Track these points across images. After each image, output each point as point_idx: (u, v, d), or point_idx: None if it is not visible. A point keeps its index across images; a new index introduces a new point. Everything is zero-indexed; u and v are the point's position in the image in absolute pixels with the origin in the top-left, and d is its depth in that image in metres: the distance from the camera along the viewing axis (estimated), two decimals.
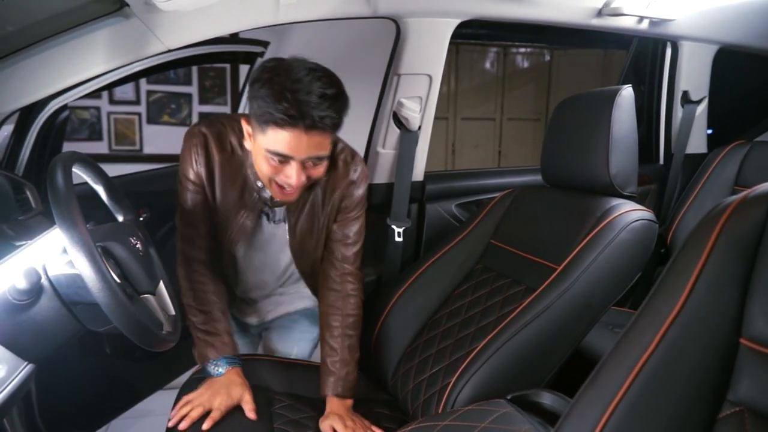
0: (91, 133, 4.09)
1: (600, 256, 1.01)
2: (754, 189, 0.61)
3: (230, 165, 1.13)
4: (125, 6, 1.08)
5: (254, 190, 1.14)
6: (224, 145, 1.13)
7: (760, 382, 0.55)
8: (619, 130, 1.11)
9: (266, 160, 0.99)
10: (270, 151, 0.97)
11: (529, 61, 5.37)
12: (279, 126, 0.94)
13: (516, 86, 5.32)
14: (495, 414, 0.82)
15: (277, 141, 0.95)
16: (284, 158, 0.98)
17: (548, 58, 5.32)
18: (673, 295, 0.62)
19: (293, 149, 0.96)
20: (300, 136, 0.95)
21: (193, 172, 1.13)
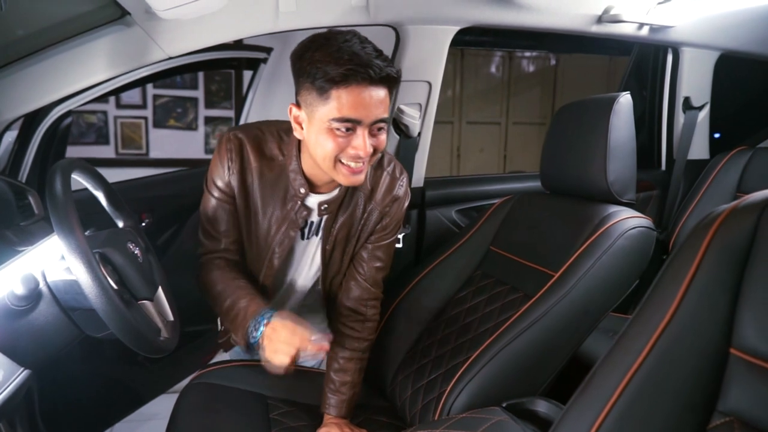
0: (98, 137, 4.13)
1: (597, 263, 1.01)
2: (745, 198, 0.61)
3: (270, 172, 1.07)
4: (127, 14, 1.10)
5: (298, 198, 1.06)
6: (263, 150, 1.06)
7: (749, 392, 0.55)
8: (617, 137, 1.11)
9: (330, 136, 0.92)
10: (336, 119, 0.90)
11: (534, 65, 5.37)
12: (344, 83, 0.88)
13: (521, 90, 5.32)
14: (489, 422, 0.82)
15: (342, 104, 0.89)
16: (352, 124, 0.91)
17: (554, 62, 5.31)
18: (665, 304, 0.62)
19: (361, 110, 0.90)
20: (367, 92, 0.90)
21: (222, 180, 1.06)
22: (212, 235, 1.11)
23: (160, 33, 1.11)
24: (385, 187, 1.12)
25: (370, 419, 1.23)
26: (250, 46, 2.06)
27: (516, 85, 5.30)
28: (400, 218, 1.17)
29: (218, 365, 1.27)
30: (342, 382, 1.16)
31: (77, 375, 1.41)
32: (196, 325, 1.80)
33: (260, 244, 1.12)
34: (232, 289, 1.07)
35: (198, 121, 4.26)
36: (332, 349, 1.19)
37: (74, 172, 0.94)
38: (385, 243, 1.17)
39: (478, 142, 5.29)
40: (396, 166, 1.15)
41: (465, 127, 5.27)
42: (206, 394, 1.17)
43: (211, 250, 1.13)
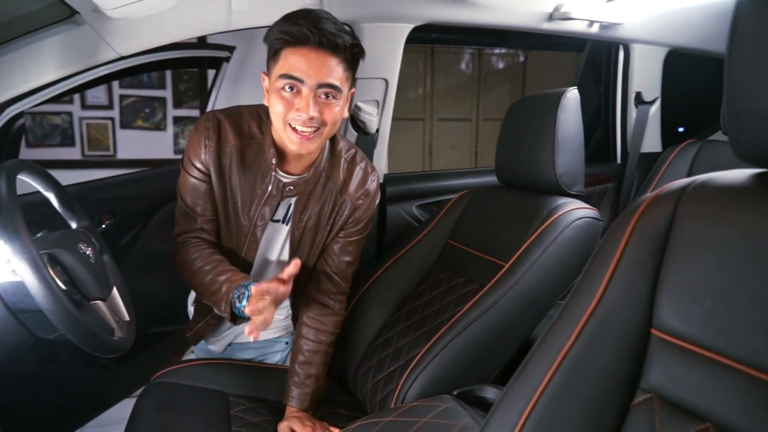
0: (63, 139, 4.04)
1: (545, 254, 1.04)
2: (665, 186, 0.65)
3: (250, 148, 1.09)
4: (76, 13, 1.08)
5: (271, 169, 1.08)
6: (241, 128, 1.09)
7: (667, 369, 0.58)
8: (565, 131, 1.14)
9: (278, 96, 0.97)
10: (281, 75, 0.95)
11: (503, 62, 5.43)
12: (293, 44, 0.94)
13: (491, 87, 5.38)
14: (438, 409, 0.84)
15: (289, 62, 0.94)
16: (295, 82, 0.95)
17: (522, 59, 5.39)
18: (592, 289, 0.64)
19: (305, 69, 0.94)
20: (315, 55, 0.94)
21: (198, 159, 1.08)
22: (188, 214, 1.13)
23: (111, 32, 1.10)
24: (358, 180, 1.16)
25: (332, 412, 1.24)
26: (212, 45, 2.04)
27: (486, 82, 5.36)
28: (371, 213, 1.20)
29: (179, 365, 1.27)
30: (306, 375, 1.18)
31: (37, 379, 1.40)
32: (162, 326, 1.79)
33: (240, 221, 1.14)
34: (212, 264, 1.09)
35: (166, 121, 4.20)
36: (297, 342, 1.21)
37: (22, 174, 0.93)
38: (356, 238, 1.20)
39: (450, 139, 5.34)
40: (368, 164, 1.19)
41: (436, 124, 5.31)
42: (166, 394, 1.17)
43: (187, 230, 1.14)
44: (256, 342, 1.35)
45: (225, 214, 1.14)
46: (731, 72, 0.54)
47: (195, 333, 1.29)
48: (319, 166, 1.12)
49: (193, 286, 1.12)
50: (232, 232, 1.16)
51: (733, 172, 0.60)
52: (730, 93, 0.54)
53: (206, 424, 1.09)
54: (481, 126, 5.38)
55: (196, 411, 1.12)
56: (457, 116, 5.32)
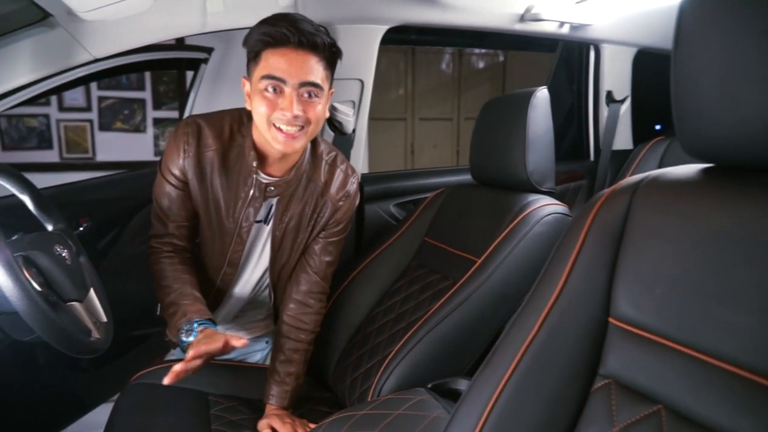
0: (40, 141, 3.99)
1: (515, 249, 1.07)
2: (621, 182, 0.68)
3: (231, 152, 1.10)
4: (49, 16, 1.09)
5: (252, 171, 1.09)
6: (222, 131, 1.10)
7: (623, 356, 0.61)
8: (535, 129, 1.17)
9: (261, 97, 0.98)
10: (264, 76, 0.96)
11: (483, 61, 5.48)
12: (273, 45, 0.95)
13: (472, 86, 5.43)
14: (411, 401, 0.87)
15: (270, 63, 0.96)
16: (277, 83, 0.97)
17: (502, 58, 5.45)
18: (553, 281, 0.67)
19: (287, 69, 0.95)
20: (295, 55, 0.96)
21: (176, 165, 1.08)
22: (161, 219, 1.14)
23: (85, 34, 1.11)
24: (339, 182, 1.18)
25: (312, 409, 1.26)
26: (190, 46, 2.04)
27: (467, 82, 5.41)
28: (351, 214, 1.22)
29: (159, 365, 1.27)
30: (287, 373, 1.19)
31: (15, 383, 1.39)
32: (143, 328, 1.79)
33: (224, 224, 1.14)
34: (178, 284, 1.11)
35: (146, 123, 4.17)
36: (278, 341, 1.23)
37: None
38: (337, 239, 1.22)
39: (432, 138, 5.38)
40: (348, 166, 1.21)
41: (418, 123, 5.34)
42: (145, 395, 1.17)
43: (160, 234, 1.15)
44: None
45: (207, 217, 1.15)
46: (677, 72, 0.57)
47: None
48: (301, 167, 1.13)
49: (158, 298, 1.14)
50: (216, 234, 1.16)
51: (682, 168, 0.63)
52: (676, 92, 0.57)
53: (186, 423, 1.10)
54: (462, 125, 5.43)
55: (175, 411, 1.13)
56: (438, 116, 5.36)
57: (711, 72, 0.52)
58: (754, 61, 0.48)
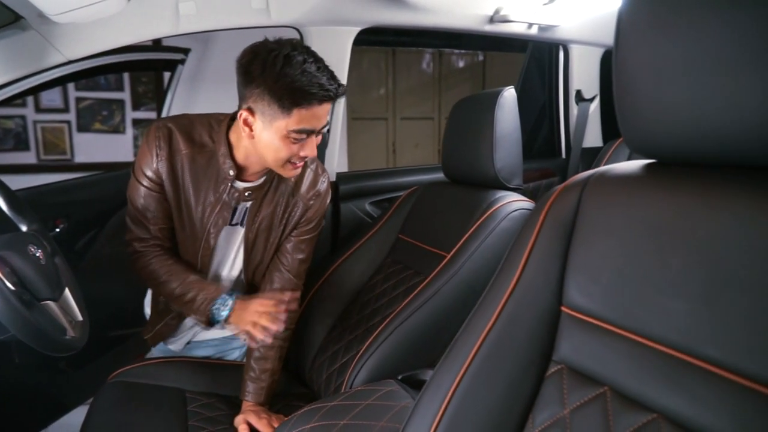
0: (16, 143, 3.94)
1: (483, 244, 1.11)
2: (573, 178, 0.71)
3: (201, 157, 1.12)
4: (21, 18, 1.09)
5: (228, 180, 1.12)
6: (192, 137, 1.11)
7: (574, 342, 0.65)
8: (503, 128, 1.21)
9: (286, 143, 1.02)
10: (296, 130, 1.00)
11: (463, 61, 5.54)
12: (312, 103, 0.98)
13: (452, 86, 5.47)
14: (381, 392, 0.90)
15: (303, 119, 0.99)
16: (309, 134, 1.02)
17: (481, 58, 5.50)
18: (510, 273, 0.71)
19: (316, 122, 1.01)
20: (322, 108, 1.00)
21: (150, 168, 1.10)
22: (140, 222, 1.15)
23: (58, 36, 1.12)
24: (309, 182, 1.20)
25: (289, 405, 1.28)
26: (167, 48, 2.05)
27: (447, 81, 5.45)
28: (323, 213, 1.24)
29: (136, 364, 1.29)
30: (262, 370, 1.21)
31: None
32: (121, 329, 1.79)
33: (195, 227, 1.16)
34: (177, 274, 1.15)
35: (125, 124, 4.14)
36: None
37: None
38: (308, 237, 1.24)
39: (413, 138, 5.41)
40: (318, 165, 1.23)
41: (399, 123, 5.37)
42: (122, 393, 1.18)
43: (141, 237, 1.16)
44: (214, 339, 1.38)
45: (180, 220, 1.16)
46: (617, 72, 0.60)
47: (154, 335, 1.31)
48: (272, 171, 1.15)
49: (162, 294, 1.16)
50: (188, 237, 1.18)
51: (628, 164, 0.67)
52: (617, 91, 0.61)
53: (162, 419, 1.12)
54: (443, 124, 5.46)
55: (152, 407, 1.15)
56: (419, 115, 5.40)
57: (647, 72, 0.56)
58: (682, 63, 0.52)
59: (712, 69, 0.50)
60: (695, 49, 0.51)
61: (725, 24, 0.49)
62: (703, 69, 0.51)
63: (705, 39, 0.50)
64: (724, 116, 0.50)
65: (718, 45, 0.49)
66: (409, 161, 5.34)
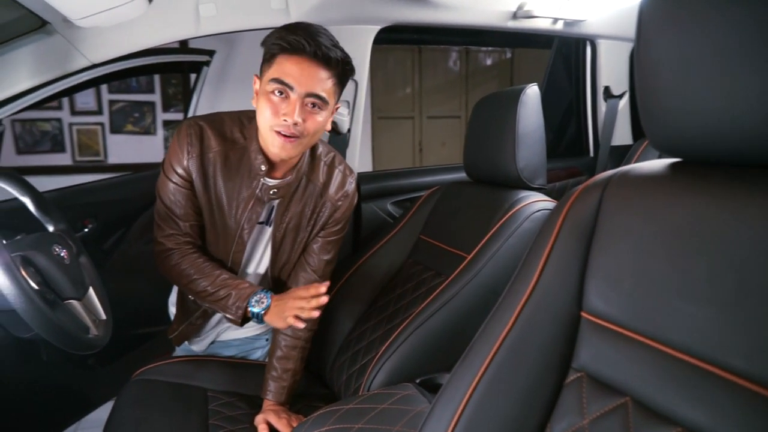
0: (53, 145, 4.07)
1: (504, 245, 1.08)
2: (594, 178, 0.68)
3: (233, 154, 1.12)
4: (47, 24, 1.12)
5: (260, 175, 1.11)
6: (224, 134, 1.12)
7: (594, 349, 0.62)
8: (525, 126, 1.18)
9: (267, 100, 1.00)
10: (273, 79, 0.98)
11: (491, 58, 5.47)
12: (289, 52, 0.97)
13: (479, 84, 5.41)
14: (397, 396, 0.88)
15: (282, 68, 0.98)
16: (284, 88, 0.98)
17: (509, 55, 5.42)
18: (528, 276, 0.68)
19: (297, 77, 0.97)
20: (307, 65, 0.98)
21: (181, 165, 1.10)
22: (170, 218, 1.15)
23: (82, 41, 1.14)
24: (338, 182, 1.20)
25: (309, 405, 1.27)
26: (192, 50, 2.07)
27: (474, 79, 5.39)
28: (350, 214, 1.24)
29: (160, 362, 1.30)
30: (284, 370, 1.21)
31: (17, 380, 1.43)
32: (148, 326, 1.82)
33: (227, 224, 1.16)
34: (208, 272, 1.14)
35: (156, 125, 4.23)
36: (275, 338, 1.25)
37: None
38: (335, 238, 1.24)
39: (440, 136, 5.37)
40: (346, 167, 1.23)
41: (426, 122, 5.34)
42: (144, 390, 1.20)
43: (170, 234, 1.16)
44: (237, 339, 1.39)
45: (211, 218, 1.16)
46: (640, 70, 0.57)
47: (179, 334, 1.32)
48: (301, 169, 1.15)
49: (192, 292, 1.16)
50: (219, 235, 1.18)
51: (651, 163, 0.64)
52: (640, 87, 0.58)
53: (183, 417, 1.13)
54: None
55: (173, 405, 1.16)
56: (446, 114, 5.36)
57: (671, 66, 0.53)
58: (710, 56, 0.49)
59: (743, 61, 0.47)
60: (725, 39, 0.48)
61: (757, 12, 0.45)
62: (733, 61, 0.48)
63: (735, 29, 0.47)
64: (756, 112, 0.47)
65: (750, 35, 0.46)
66: (436, 160, 5.30)
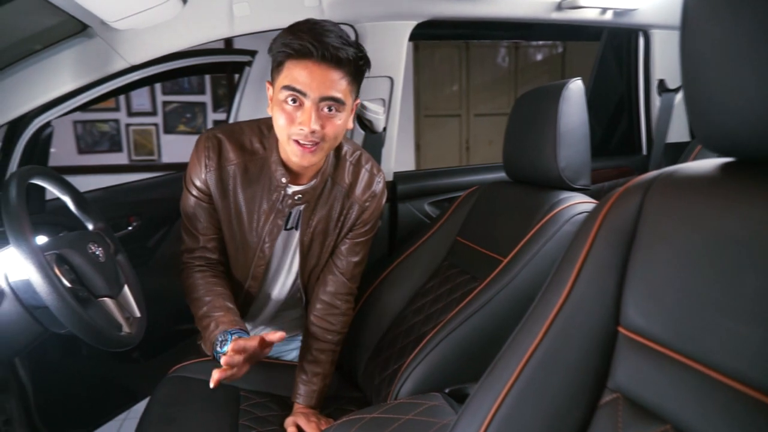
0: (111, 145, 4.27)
1: (542, 249, 1.02)
2: (634, 179, 0.62)
3: (253, 165, 1.10)
4: (87, 27, 1.15)
5: (281, 187, 1.09)
6: (243, 145, 1.09)
7: (632, 369, 0.56)
8: (568, 123, 1.11)
9: (281, 108, 0.96)
10: (284, 86, 0.94)
11: (541, 53, 5.31)
12: (296, 56, 0.93)
13: (529, 80, 5.26)
14: (423, 406, 0.84)
15: (292, 74, 0.94)
16: (297, 95, 0.94)
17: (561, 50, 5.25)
18: (560, 285, 0.63)
19: (307, 83, 0.93)
20: (318, 69, 0.93)
21: (199, 179, 1.10)
22: (191, 233, 1.15)
23: (120, 43, 1.16)
24: (364, 183, 1.16)
25: (340, 409, 1.26)
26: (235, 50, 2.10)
27: (524, 75, 5.25)
28: (379, 214, 1.21)
29: (194, 360, 1.32)
30: (314, 373, 1.19)
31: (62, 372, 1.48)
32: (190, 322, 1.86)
33: (247, 237, 1.15)
34: (210, 296, 1.12)
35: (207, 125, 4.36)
36: (305, 341, 1.24)
37: (37, 179, 0.99)
38: (364, 239, 1.21)
39: (487, 134, 5.27)
40: (373, 165, 1.19)
41: (473, 119, 5.26)
42: (179, 387, 1.22)
43: (191, 248, 1.17)
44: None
45: (230, 231, 1.15)
46: (686, 66, 0.51)
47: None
48: (325, 171, 1.12)
49: (192, 310, 1.16)
50: (239, 249, 1.17)
51: (701, 163, 0.57)
52: (687, 83, 0.52)
53: (214, 416, 1.13)
54: None
55: (205, 403, 1.16)
56: (494, 111, 5.24)
57: (721, 54, 0.47)
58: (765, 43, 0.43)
59: None
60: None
61: None
62: None
63: None
64: None
65: None
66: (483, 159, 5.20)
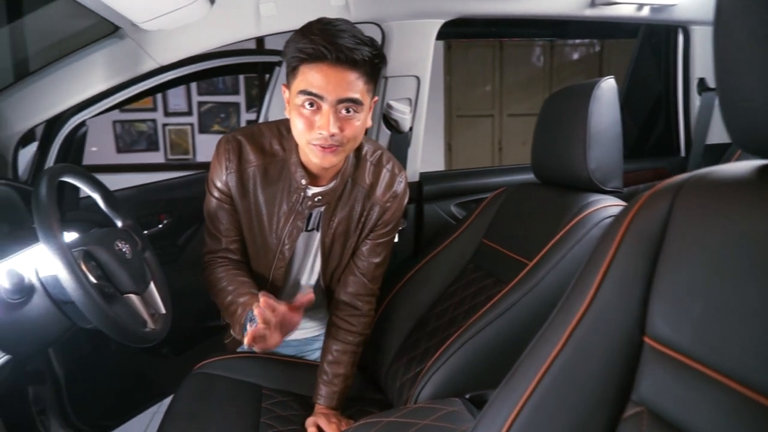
0: (148, 144, 4.39)
1: (569, 254, 0.99)
2: (663, 182, 0.59)
3: (272, 167, 1.10)
4: (118, 29, 1.17)
5: (301, 189, 1.09)
6: (263, 147, 1.10)
7: (658, 381, 0.54)
8: (598, 123, 1.07)
9: (298, 113, 0.96)
10: (301, 91, 0.94)
11: (578, 52, 5.19)
12: (310, 60, 0.92)
13: (565, 79, 5.15)
14: (442, 412, 0.83)
15: (307, 78, 0.93)
16: (314, 99, 0.94)
17: (598, 48, 5.12)
18: (584, 292, 0.60)
19: (323, 87, 0.92)
20: (333, 71, 0.92)
21: (220, 181, 1.10)
22: (214, 234, 1.17)
23: (150, 43, 1.18)
24: (385, 183, 1.15)
25: (362, 410, 1.25)
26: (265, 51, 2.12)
27: (559, 75, 5.14)
28: (400, 214, 1.19)
29: (219, 357, 1.33)
30: (335, 374, 1.19)
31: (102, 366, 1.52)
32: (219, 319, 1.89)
33: (267, 239, 1.15)
34: (234, 285, 1.12)
35: (240, 125, 4.43)
36: (327, 342, 1.23)
37: (67, 177, 1.02)
38: (385, 240, 1.20)
39: (521, 135, 5.18)
40: (395, 165, 1.18)
41: (506, 120, 5.18)
42: (203, 384, 1.23)
43: (214, 250, 1.18)
44: (295, 340, 1.39)
45: (251, 233, 1.16)
46: (719, 61, 0.48)
47: (233, 340, 1.35)
48: (345, 172, 1.12)
49: (218, 305, 1.16)
50: (259, 251, 1.18)
51: (734, 165, 0.54)
52: (720, 82, 0.49)
53: (236, 413, 1.14)
54: None
55: (228, 401, 1.18)
56: (527, 111, 5.15)
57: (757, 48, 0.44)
58: None
59: None
60: None
61: None
62: None
63: None
64: None
65: None
66: (516, 160, 5.11)
